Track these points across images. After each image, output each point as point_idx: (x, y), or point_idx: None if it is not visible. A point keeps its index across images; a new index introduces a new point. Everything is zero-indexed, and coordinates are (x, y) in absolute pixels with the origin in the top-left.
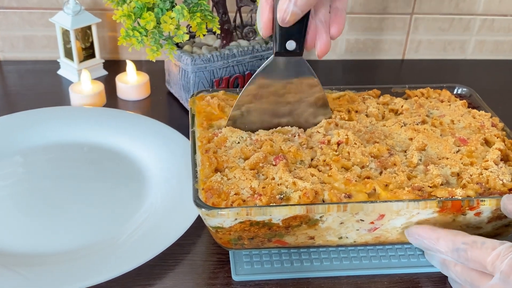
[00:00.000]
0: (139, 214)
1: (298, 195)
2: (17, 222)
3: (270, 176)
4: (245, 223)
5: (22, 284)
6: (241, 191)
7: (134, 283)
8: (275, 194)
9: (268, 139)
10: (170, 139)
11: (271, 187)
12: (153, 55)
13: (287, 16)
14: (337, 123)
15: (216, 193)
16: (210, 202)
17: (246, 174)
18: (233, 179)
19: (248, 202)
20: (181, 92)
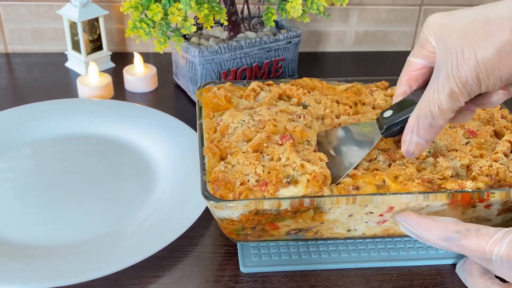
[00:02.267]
0: (147, 206)
1: (307, 179)
2: (25, 214)
3: (276, 157)
4: (251, 213)
5: (31, 276)
6: (247, 178)
7: (142, 274)
8: (282, 179)
9: (272, 119)
10: (178, 131)
11: (276, 172)
12: (161, 47)
13: (411, 148)
14: (340, 123)
15: (222, 184)
16: (217, 194)
17: (249, 158)
18: (237, 166)
19: (255, 192)
20: (188, 84)
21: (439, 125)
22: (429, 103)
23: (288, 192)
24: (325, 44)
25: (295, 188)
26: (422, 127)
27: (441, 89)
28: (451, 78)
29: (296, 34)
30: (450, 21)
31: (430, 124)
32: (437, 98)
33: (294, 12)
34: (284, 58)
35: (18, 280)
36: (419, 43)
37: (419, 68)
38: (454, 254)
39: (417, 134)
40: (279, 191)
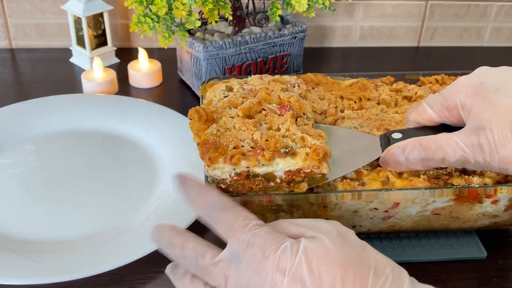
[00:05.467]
0: (150, 201)
1: (306, 152)
2: (29, 209)
3: (275, 126)
4: (241, 176)
5: (35, 270)
6: (241, 143)
7: (146, 269)
8: (279, 148)
9: (264, 87)
10: (182, 126)
11: (275, 140)
12: (165, 41)
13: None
14: (343, 116)
15: (212, 147)
16: (206, 157)
17: (246, 124)
18: (232, 130)
19: (249, 157)
20: (193, 79)
21: (428, 166)
22: (440, 146)
23: (284, 163)
24: (330, 40)
25: (292, 159)
26: (414, 155)
27: (458, 149)
28: (476, 152)
29: (301, 29)
30: (493, 101)
31: (424, 159)
32: (451, 150)
33: (299, 6)
34: (289, 53)
35: (22, 274)
36: (443, 102)
37: (431, 120)
38: (460, 251)
39: (405, 156)
40: (275, 160)
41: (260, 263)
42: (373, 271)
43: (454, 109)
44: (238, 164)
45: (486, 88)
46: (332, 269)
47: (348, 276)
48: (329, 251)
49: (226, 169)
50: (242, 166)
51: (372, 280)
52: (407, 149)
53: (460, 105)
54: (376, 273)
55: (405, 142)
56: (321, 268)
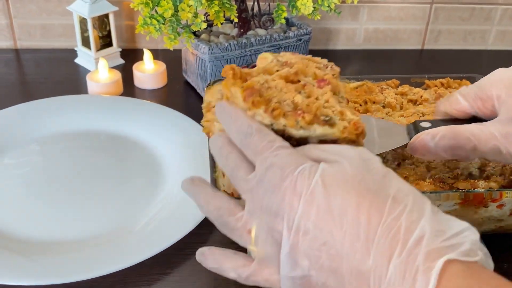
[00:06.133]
0: (155, 203)
1: (344, 125)
2: (33, 210)
3: (314, 96)
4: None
5: (37, 272)
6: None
7: (150, 271)
8: (319, 115)
9: (300, 61)
10: (187, 128)
11: (316, 106)
12: (171, 43)
13: (419, 147)
14: None
15: (258, 94)
16: (249, 101)
17: (288, 86)
18: (274, 90)
19: (289, 116)
20: (198, 81)
21: (457, 155)
22: (473, 134)
23: (322, 130)
24: (335, 42)
25: (330, 129)
26: (444, 142)
27: (492, 138)
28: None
29: (306, 32)
30: None
31: (454, 146)
32: (484, 138)
33: (305, 9)
34: None
35: (25, 275)
36: (478, 92)
37: (463, 111)
38: None
39: (435, 143)
40: (313, 126)
41: (278, 184)
42: (392, 199)
43: (489, 99)
44: (277, 119)
45: None
46: (347, 193)
47: (363, 202)
48: (347, 175)
49: (264, 121)
50: (280, 123)
51: (389, 207)
52: (438, 136)
53: (496, 95)
54: (394, 200)
55: (435, 129)
56: (337, 192)
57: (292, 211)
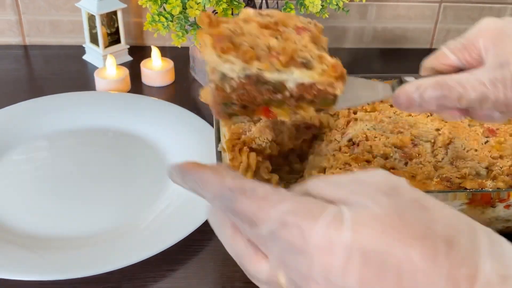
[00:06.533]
0: (161, 199)
1: (322, 68)
2: (40, 205)
3: (291, 42)
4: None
5: (45, 267)
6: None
7: (157, 268)
8: (296, 58)
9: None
10: (194, 125)
11: (292, 48)
12: (178, 41)
13: (403, 99)
14: (356, 118)
15: (227, 40)
16: (219, 46)
17: (263, 32)
18: (247, 36)
19: (262, 59)
20: (205, 78)
21: (443, 106)
22: (459, 83)
23: (299, 73)
24: (343, 41)
25: (308, 71)
26: (429, 93)
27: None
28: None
29: None
30: None
31: (440, 96)
32: (470, 86)
33: (313, 7)
34: None
35: (32, 271)
36: (465, 43)
37: (450, 65)
38: None
39: (420, 93)
40: (290, 68)
41: (302, 246)
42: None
43: (476, 50)
44: (250, 63)
45: (511, 26)
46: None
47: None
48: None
49: (236, 66)
50: (254, 66)
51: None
52: (422, 86)
53: (483, 45)
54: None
55: (419, 80)
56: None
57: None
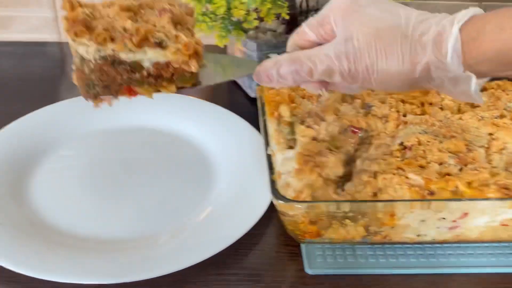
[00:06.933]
0: (209, 200)
1: (177, 47)
2: (87, 206)
3: (151, 23)
4: (106, 61)
5: (93, 271)
6: (112, 30)
7: (207, 272)
8: (150, 38)
9: None
10: (235, 126)
11: (146, 29)
12: (222, 41)
13: (262, 76)
14: (406, 121)
15: (81, 24)
16: (72, 30)
17: (120, 14)
18: (105, 18)
19: (117, 40)
20: (244, 78)
21: (298, 80)
22: (309, 58)
23: (153, 53)
24: None
25: (162, 51)
26: (284, 68)
27: (325, 59)
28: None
29: None
30: (363, 13)
31: (293, 71)
32: (317, 60)
33: None
34: None
35: (81, 274)
36: (319, 19)
37: (309, 41)
38: None
39: (276, 69)
40: (143, 48)
41: None
42: None
43: (327, 24)
44: (104, 44)
45: (358, 2)
46: None
47: None
48: None
49: (91, 48)
50: (108, 48)
51: None
52: (279, 62)
53: (334, 19)
54: None
55: (278, 56)
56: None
57: None
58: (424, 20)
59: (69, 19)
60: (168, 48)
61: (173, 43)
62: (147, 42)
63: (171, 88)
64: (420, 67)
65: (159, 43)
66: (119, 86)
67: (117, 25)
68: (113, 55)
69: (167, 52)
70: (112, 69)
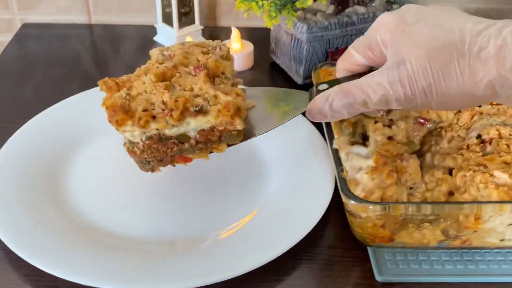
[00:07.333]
0: (258, 202)
1: (218, 109)
2: (124, 202)
3: (188, 87)
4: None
5: (152, 277)
6: (151, 107)
7: (266, 277)
8: (190, 107)
9: (183, 52)
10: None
11: (184, 99)
12: (271, 21)
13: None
14: (481, 111)
15: (120, 110)
16: (113, 120)
17: (157, 86)
18: (143, 95)
19: (159, 118)
20: (290, 63)
21: (353, 112)
22: (361, 89)
23: (196, 122)
24: None
25: (204, 118)
26: (337, 102)
27: (379, 88)
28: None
29: None
30: (412, 32)
31: (347, 104)
32: (371, 90)
33: None
34: None
35: (139, 281)
36: (366, 42)
37: (358, 64)
38: None
39: (329, 105)
40: (186, 120)
41: None
42: None
43: (376, 47)
44: (147, 127)
45: (405, 21)
46: None
47: None
48: None
49: (136, 132)
50: (151, 128)
51: None
52: (330, 97)
53: (381, 41)
54: None
55: (328, 90)
56: None
57: None
58: (481, 32)
59: (109, 109)
60: (210, 112)
61: (214, 105)
62: (188, 113)
63: (222, 148)
64: (482, 86)
65: (200, 110)
66: (171, 157)
67: (155, 99)
68: (158, 133)
69: (209, 117)
70: (161, 145)
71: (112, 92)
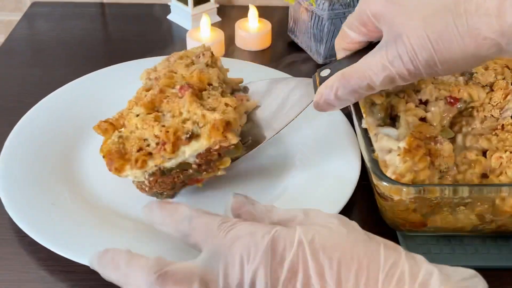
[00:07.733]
0: (283, 185)
1: (208, 130)
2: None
3: (177, 112)
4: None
5: None
6: (146, 144)
7: None
8: (181, 135)
9: (168, 71)
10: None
11: (173, 129)
12: None
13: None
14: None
15: (116, 156)
16: (112, 168)
17: (147, 120)
18: (135, 132)
19: (154, 155)
20: (310, 42)
21: (359, 96)
22: (362, 73)
23: (190, 148)
24: None
25: (197, 142)
26: (342, 91)
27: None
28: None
29: None
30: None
31: (352, 91)
32: (373, 73)
33: None
34: None
35: None
36: (357, 18)
37: (355, 42)
38: None
39: (334, 95)
40: (180, 149)
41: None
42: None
43: (369, 22)
44: (145, 166)
45: None
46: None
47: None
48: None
49: (137, 173)
50: (150, 166)
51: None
52: (334, 86)
53: (372, 15)
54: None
55: (330, 79)
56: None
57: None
58: None
59: (106, 157)
60: (201, 135)
61: (204, 126)
62: (181, 142)
63: (226, 163)
64: (487, 45)
65: (191, 136)
66: (182, 183)
67: (147, 134)
68: (158, 169)
69: (201, 140)
70: (165, 178)
71: (108, 133)
